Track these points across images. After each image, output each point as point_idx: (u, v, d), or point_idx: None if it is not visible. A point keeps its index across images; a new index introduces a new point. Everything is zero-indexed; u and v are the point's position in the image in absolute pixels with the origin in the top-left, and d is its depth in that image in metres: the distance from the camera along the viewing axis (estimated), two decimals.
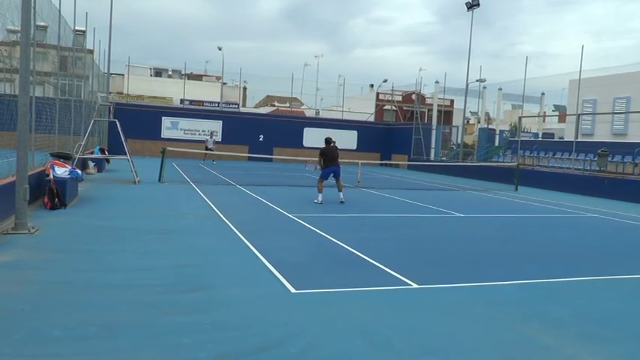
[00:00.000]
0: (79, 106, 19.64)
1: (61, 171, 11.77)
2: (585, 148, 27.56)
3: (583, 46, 26.45)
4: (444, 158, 37.94)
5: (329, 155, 14.94)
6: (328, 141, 15.20)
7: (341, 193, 14.93)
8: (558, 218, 14.49)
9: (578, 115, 28.25)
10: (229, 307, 5.44)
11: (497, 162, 31.39)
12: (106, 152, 23.17)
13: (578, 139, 27.57)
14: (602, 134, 33.40)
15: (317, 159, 15.33)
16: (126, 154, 18.23)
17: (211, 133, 33.05)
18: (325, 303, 5.77)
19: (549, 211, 15.75)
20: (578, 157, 26.89)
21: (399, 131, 41.41)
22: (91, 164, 19.68)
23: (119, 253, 7.57)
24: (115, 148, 24.39)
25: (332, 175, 14.87)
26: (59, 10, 14.34)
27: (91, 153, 20.65)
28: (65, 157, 13.29)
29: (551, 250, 9.76)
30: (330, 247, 8.81)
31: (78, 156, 16.41)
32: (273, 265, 7.15)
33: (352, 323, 5.16)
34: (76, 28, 18.12)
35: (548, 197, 20.19)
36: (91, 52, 24.93)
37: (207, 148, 30.37)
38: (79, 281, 6.05)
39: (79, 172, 13.00)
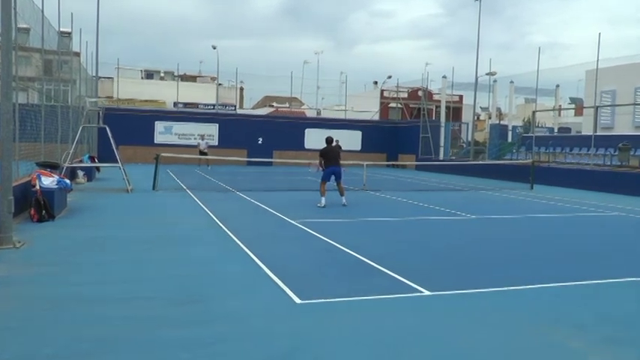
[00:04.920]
0: (66, 112, 19.68)
1: (49, 181, 11.78)
2: (605, 142, 27.50)
3: (600, 34, 26.41)
4: (454, 157, 37.91)
5: (329, 155, 15.04)
6: (329, 141, 15.30)
7: (343, 197, 14.97)
8: (578, 218, 14.44)
9: (596, 107, 28.21)
10: (230, 319, 5.42)
11: (511, 159, 31.36)
12: (96, 160, 23.22)
13: (597, 133, 27.52)
14: (623, 127, 33.29)
15: (318, 161, 15.41)
16: (117, 162, 18.25)
17: (202, 135, 33.09)
18: (332, 313, 5.74)
19: (568, 211, 15.70)
20: (598, 152, 26.84)
21: (406, 130, 41.39)
22: (81, 173, 19.68)
23: (112, 264, 7.56)
24: (106, 155, 24.40)
25: (333, 176, 14.91)
26: (42, 11, 14.38)
27: (80, 161, 20.69)
28: (52, 167, 13.30)
29: (572, 251, 9.73)
30: (335, 253, 8.78)
31: (66, 165, 16.44)
32: (276, 275, 7.13)
33: (361, 334, 5.13)
34: (61, 29, 18.20)
35: (567, 195, 20.12)
36: (78, 54, 25.01)
37: (201, 152, 30.37)
38: (69, 296, 6.04)
39: (68, 181, 13.01)
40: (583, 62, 34.23)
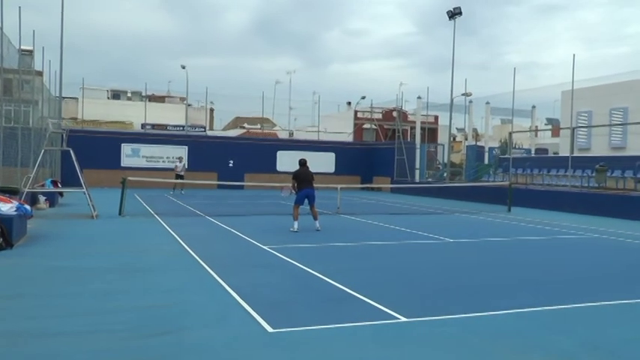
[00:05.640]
0: (27, 134, 19.46)
1: (7, 207, 11.60)
2: (582, 163, 27.99)
3: (574, 55, 27.00)
4: (430, 179, 38.24)
5: (302, 178, 15.06)
6: (302, 163, 15.34)
7: (317, 222, 14.98)
8: (556, 240, 14.62)
9: (573, 128, 28.73)
10: (201, 351, 5.36)
11: (488, 181, 31.72)
12: (59, 185, 22.91)
13: (574, 155, 27.99)
14: (600, 148, 33.97)
15: (291, 184, 15.44)
16: (81, 186, 18.04)
17: (180, 157, 32.80)
18: (306, 342, 5.71)
19: (546, 233, 15.90)
20: (575, 174, 27.29)
21: (381, 152, 41.67)
22: (42, 198, 19.42)
23: (76, 296, 7.43)
24: (69, 179, 24.12)
25: (307, 199, 14.93)
26: (1, 28, 14.26)
27: (42, 186, 20.40)
28: (11, 192, 13.13)
29: (551, 275, 9.82)
30: (309, 280, 8.76)
31: (26, 190, 16.19)
32: (247, 303, 7.08)
33: None
34: (22, 47, 18.04)
35: (545, 217, 20.39)
36: (40, 74, 24.77)
37: (177, 176, 30.06)
38: (30, 331, 5.91)
39: (28, 207, 12.82)
40: (559, 83, 35.02)
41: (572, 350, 5.66)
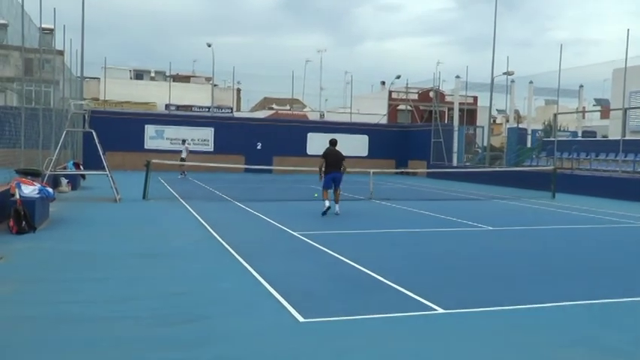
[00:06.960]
0: (48, 115, 19.71)
1: (29, 190, 11.78)
2: (634, 147, 27.42)
3: (628, 30, 26.44)
4: (469, 163, 37.87)
5: (331, 160, 15.12)
6: (332, 142, 15.34)
7: (337, 205, 15.08)
8: (605, 229, 14.40)
9: (625, 109, 28.15)
10: (229, 340, 5.40)
11: (531, 166, 31.30)
12: (81, 167, 23.23)
13: (626, 137, 27.44)
14: None
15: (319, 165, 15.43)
16: (104, 169, 18.25)
17: (183, 140, 32.66)
18: (338, 333, 5.72)
19: (593, 221, 15.66)
20: (626, 158, 26.77)
21: (416, 134, 41.38)
22: (64, 181, 19.69)
23: (99, 281, 7.54)
24: (92, 162, 24.42)
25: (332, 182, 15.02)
26: (22, 6, 14.41)
27: (64, 168, 20.72)
28: (33, 174, 13.31)
29: (599, 266, 9.68)
30: (341, 268, 8.77)
31: (48, 172, 16.44)
32: (277, 291, 7.11)
33: (370, 355, 5.12)
34: (43, 26, 18.22)
35: (592, 205, 20.06)
36: (62, 53, 25.05)
37: (182, 159, 30.10)
38: (52, 315, 6.02)
39: (50, 190, 13.01)
40: (609, 60, 34.23)
41: (620, 346, 5.58)
